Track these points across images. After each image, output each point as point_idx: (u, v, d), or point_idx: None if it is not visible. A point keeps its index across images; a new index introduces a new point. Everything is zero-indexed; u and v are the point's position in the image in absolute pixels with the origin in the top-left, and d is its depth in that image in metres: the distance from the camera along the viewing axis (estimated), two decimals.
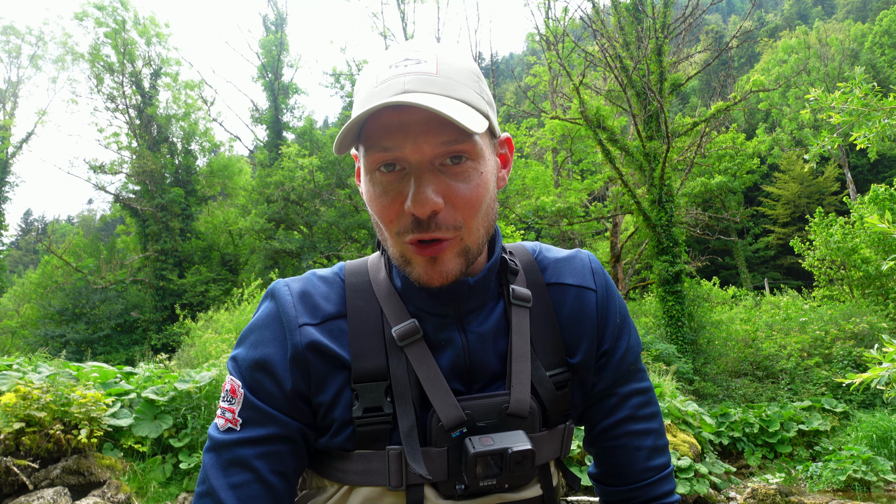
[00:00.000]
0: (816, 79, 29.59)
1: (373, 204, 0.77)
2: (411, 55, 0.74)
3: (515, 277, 0.87)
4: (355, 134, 0.74)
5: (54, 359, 7.16)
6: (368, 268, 0.88)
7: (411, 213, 0.72)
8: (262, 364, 0.79)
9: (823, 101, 2.69)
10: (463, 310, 0.82)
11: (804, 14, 51.73)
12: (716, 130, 18.44)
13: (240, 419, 0.77)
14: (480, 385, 0.81)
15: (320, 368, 0.79)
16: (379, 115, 0.72)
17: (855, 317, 10.32)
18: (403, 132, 0.71)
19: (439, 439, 0.76)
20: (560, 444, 0.85)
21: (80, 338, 19.64)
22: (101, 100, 23.06)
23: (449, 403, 0.76)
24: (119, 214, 24.85)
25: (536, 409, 0.81)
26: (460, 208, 0.74)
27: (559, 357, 0.85)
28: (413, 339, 0.79)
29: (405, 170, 0.73)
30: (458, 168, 0.73)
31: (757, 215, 30.34)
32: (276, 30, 26.07)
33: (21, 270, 38.99)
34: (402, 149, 0.71)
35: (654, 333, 10.61)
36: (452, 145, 0.72)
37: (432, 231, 0.73)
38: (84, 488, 4.29)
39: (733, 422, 7.45)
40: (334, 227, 21.36)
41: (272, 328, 0.81)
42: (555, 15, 16.46)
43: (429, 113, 0.70)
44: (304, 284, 0.85)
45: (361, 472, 0.78)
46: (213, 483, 0.75)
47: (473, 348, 0.81)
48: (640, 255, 17.23)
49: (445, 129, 0.71)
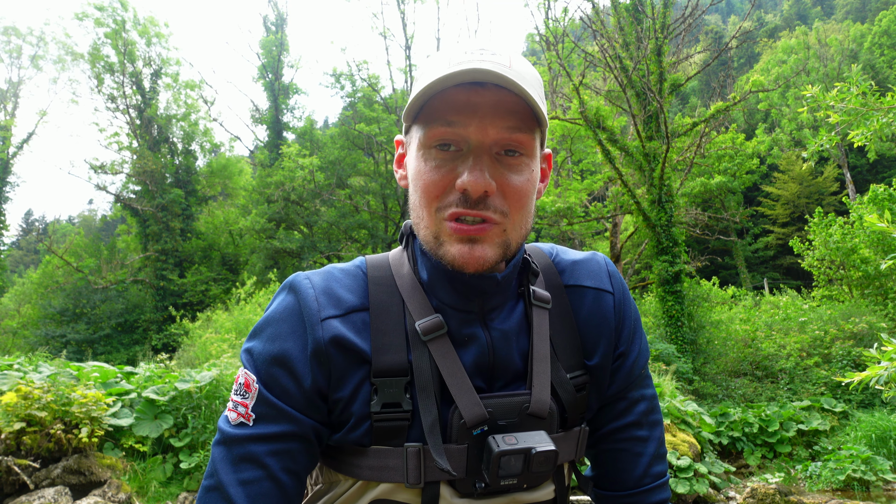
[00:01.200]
0: (816, 79, 29.57)
1: (419, 178, 0.76)
2: (486, 47, 0.75)
3: (536, 279, 0.87)
4: (420, 105, 0.74)
5: (55, 359, 7.17)
6: (390, 262, 0.87)
7: (462, 189, 0.72)
8: (279, 359, 0.77)
9: (821, 99, 2.70)
10: (487, 306, 0.81)
11: (803, 14, 51.72)
12: (715, 131, 18.45)
13: (253, 414, 0.76)
14: (502, 383, 0.81)
15: (341, 364, 0.77)
16: (447, 93, 0.73)
17: (854, 317, 10.32)
18: (471, 110, 0.72)
19: (460, 436, 0.75)
20: (576, 447, 0.85)
21: (80, 338, 19.65)
22: (102, 100, 23.10)
23: (472, 400, 0.75)
24: (120, 214, 24.86)
25: (556, 410, 0.81)
26: (509, 198, 0.75)
27: (578, 359, 0.85)
28: (437, 335, 0.78)
29: (462, 151, 0.74)
30: (512, 160, 0.75)
31: (756, 215, 30.34)
32: (276, 30, 26.08)
33: (22, 270, 38.99)
34: (467, 126, 0.72)
35: (654, 333, 10.62)
36: (514, 133, 0.73)
37: (478, 210, 0.73)
38: (85, 488, 4.29)
39: (733, 421, 7.45)
40: (334, 227, 21.38)
41: (291, 322, 0.79)
42: (554, 15, 16.47)
43: (498, 97, 0.72)
44: (326, 277, 0.83)
45: (378, 467, 0.77)
46: (223, 478, 0.74)
47: (497, 346, 0.80)
48: (639, 255, 17.24)
49: (511, 116, 0.73)
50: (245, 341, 0.83)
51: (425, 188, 0.75)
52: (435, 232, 0.76)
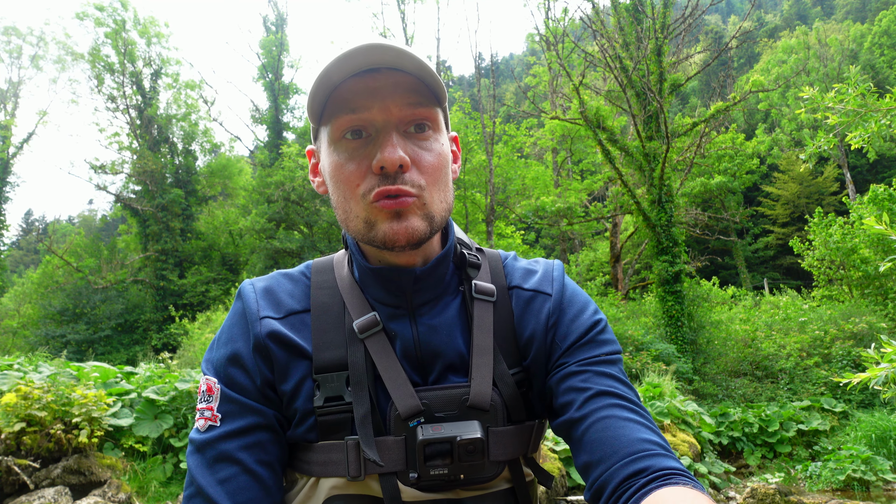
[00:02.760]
0: (816, 79, 29.59)
1: (338, 173, 0.78)
2: (377, 40, 0.77)
3: (478, 272, 0.88)
4: (322, 102, 0.76)
5: (55, 359, 7.17)
6: (334, 264, 0.91)
7: (379, 167, 0.74)
8: (233, 358, 0.81)
9: (819, 100, 2.70)
10: (416, 301, 0.83)
11: (803, 14, 51.72)
12: (715, 131, 18.46)
13: (219, 414, 0.78)
14: (435, 376, 0.81)
15: (281, 357, 0.80)
16: (345, 86, 0.75)
17: (854, 317, 10.32)
18: (371, 94, 0.74)
19: (397, 428, 0.77)
20: (528, 441, 0.84)
21: (80, 338, 19.66)
22: (102, 100, 23.11)
23: (406, 393, 0.77)
24: (120, 214, 24.87)
25: (500, 403, 0.80)
26: (424, 172, 0.77)
27: (516, 357, 0.85)
28: (373, 332, 0.81)
29: (371, 136, 0.76)
30: (421, 136, 0.78)
31: (756, 215, 30.35)
32: (276, 30, 26.08)
33: (22, 270, 39.00)
34: (371, 109, 0.74)
35: (653, 333, 10.61)
36: (418, 108, 0.76)
37: (398, 184, 0.74)
38: (85, 488, 4.30)
39: (733, 421, 7.45)
40: (334, 226, 21.36)
41: (239, 324, 0.83)
42: (555, 15, 16.49)
43: (395, 78, 0.74)
44: (268, 282, 0.87)
45: (323, 462, 0.78)
46: (201, 482, 0.75)
47: (423, 340, 0.81)
48: (639, 255, 17.24)
49: (412, 93, 0.75)
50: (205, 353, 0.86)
51: (346, 179, 0.77)
52: (365, 217, 0.77)
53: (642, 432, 0.72)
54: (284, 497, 0.84)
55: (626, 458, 0.69)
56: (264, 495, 0.77)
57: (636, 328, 10.19)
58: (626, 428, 0.72)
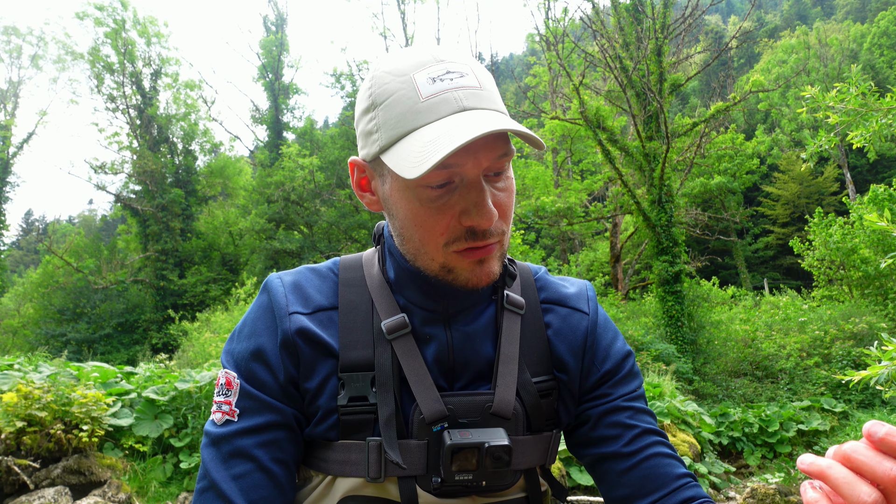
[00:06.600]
0: (816, 79, 29.59)
1: (417, 218, 0.75)
2: (450, 67, 0.73)
3: (513, 282, 0.89)
4: (422, 155, 0.68)
5: (55, 358, 7.18)
6: (363, 262, 0.90)
7: (469, 225, 0.73)
8: (256, 354, 0.80)
9: (819, 100, 2.70)
10: (452, 308, 0.83)
11: (804, 14, 51.74)
12: (715, 131, 18.46)
13: (237, 409, 0.78)
14: (463, 383, 0.82)
15: (309, 354, 0.80)
16: None
17: (854, 317, 10.33)
18: (466, 150, 0.70)
19: (420, 432, 0.77)
20: (546, 451, 0.85)
21: (80, 337, 19.66)
22: (102, 100, 23.13)
23: (431, 397, 0.77)
24: (120, 214, 24.89)
25: (521, 412, 0.81)
26: (505, 218, 0.78)
27: (545, 367, 0.86)
28: (401, 333, 0.80)
29: (453, 183, 0.73)
30: (499, 179, 0.76)
31: (756, 215, 30.35)
32: (276, 30, 26.10)
33: (22, 270, 38.99)
34: (464, 165, 0.72)
35: (653, 333, 10.61)
36: (503, 158, 0.74)
37: (486, 239, 0.75)
38: (85, 488, 4.30)
39: (733, 422, 7.45)
40: (334, 227, 21.37)
41: (265, 319, 0.82)
42: (555, 15, 16.49)
43: (488, 136, 0.71)
44: (296, 277, 0.86)
45: (342, 461, 0.78)
46: (215, 476, 0.75)
47: (457, 346, 0.82)
48: (639, 255, 17.24)
49: (499, 143, 0.73)
50: (225, 344, 0.85)
51: (429, 227, 0.75)
52: (443, 262, 0.77)
53: (679, 468, 0.84)
54: (297, 494, 0.84)
55: (672, 491, 0.81)
56: (278, 494, 0.76)
57: (636, 328, 10.20)
58: (670, 466, 0.83)
